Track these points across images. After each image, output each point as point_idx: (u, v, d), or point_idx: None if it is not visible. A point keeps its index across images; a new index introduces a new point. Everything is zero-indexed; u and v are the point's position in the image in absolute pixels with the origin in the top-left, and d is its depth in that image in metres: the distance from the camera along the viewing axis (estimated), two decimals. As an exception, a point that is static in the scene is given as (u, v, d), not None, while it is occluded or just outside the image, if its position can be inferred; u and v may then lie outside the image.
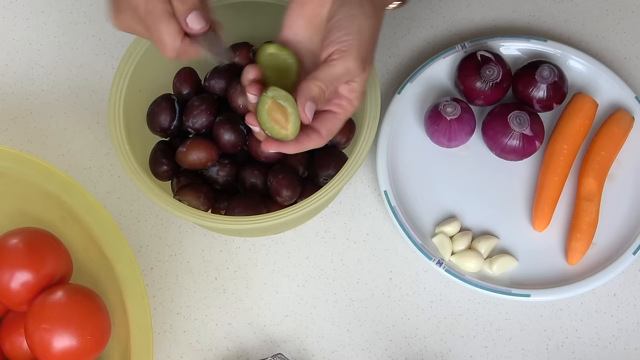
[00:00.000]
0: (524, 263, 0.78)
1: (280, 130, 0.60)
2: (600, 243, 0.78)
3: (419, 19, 0.90)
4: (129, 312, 0.65)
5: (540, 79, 0.79)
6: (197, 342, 0.77)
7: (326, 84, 0.59)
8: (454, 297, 0.78)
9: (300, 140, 0.61)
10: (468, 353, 0.76)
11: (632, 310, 0.77)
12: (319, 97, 0.59)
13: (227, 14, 0.76)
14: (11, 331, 0.70)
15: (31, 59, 0.88)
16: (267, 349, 0.76)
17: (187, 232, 0.81)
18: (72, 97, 0.87)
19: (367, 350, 0.76)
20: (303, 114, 0.59)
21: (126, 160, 0.70)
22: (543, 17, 0.90)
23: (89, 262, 0.71)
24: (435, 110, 0.80)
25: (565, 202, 0.80)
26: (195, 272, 0.79)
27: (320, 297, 0.78)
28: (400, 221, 0.77)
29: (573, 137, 0.81)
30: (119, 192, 0.82)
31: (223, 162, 0.75)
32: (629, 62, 0.87)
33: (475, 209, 0.80)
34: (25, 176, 0.70)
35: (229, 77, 0.76)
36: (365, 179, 0.83)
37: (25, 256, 0.66)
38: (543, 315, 0.77)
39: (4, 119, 0.85)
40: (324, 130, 0.61)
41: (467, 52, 0.84)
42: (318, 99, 0.59)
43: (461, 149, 0.82)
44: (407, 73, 0.86)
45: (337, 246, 0.80)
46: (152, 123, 0.76)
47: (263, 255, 0.80)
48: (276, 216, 0.68)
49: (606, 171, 0.80)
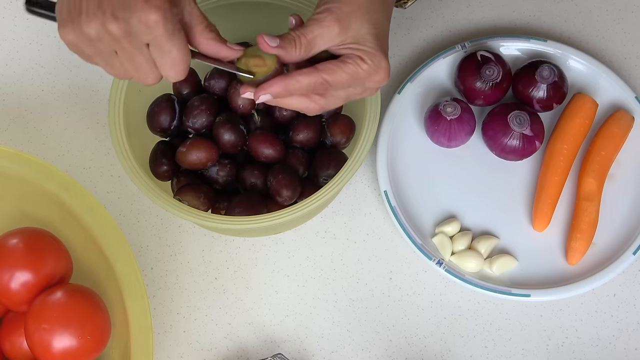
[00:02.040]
0: (524, 263, 0.78)
1: (261, 68, 0.60)
2: (600, 243, 0.78)
3: (419, 19, 0.90)
4: (129, 312, 0.65)
5: (540, 79, 0.79)
6: (197, 342, 0.77)
7: (298, 34, 0.59)
8: (454, 297, 0.78)
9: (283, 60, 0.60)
10: (468, 353, 0.76)
11: (632, 310, 0.77)
12: (288, 40, 0.59)
13: (227, 14, 0.76)
14: (11, 331, 0.70)
15: (31, 59, 0.88)
16: (267, 349, 0.76)
17: (187, 232, 0.81)
18: (72, 97, 0.87)
19: (367, 350, 0.76)
20: (265, 44, 0.59)
21: (126, 160, 0.70)
22: (543, 17, 0.90)
23: (88, 262, 0.71)
24: (435, 110, 0.80)
25: (565, 202, 0.80)
26: (195, 272, 0.79)
27: (320, 297, 0.78)
28: (400, 221, 0.77)
29: (573, 137, 0.81)
30: (119, 192, 0.82)
31: (223, 162, 0.75)
32: (629, 62, 0.87)
33: (475, 209, 0.80)
34: (25, 176, 0.70)
35: (229, 77, 0.76)
36: (365, 179, 0.83)
37: (25, 256, 0.66)
38: (543, 315, 0.77)
39: (4, 119, 0.85)
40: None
41: (467, 52, 0.84)
42: (287, 40, 0.59)
43: (461, 149, 0.82)
44: (407, 73, 0.86)
45: (337, 246, 0.80)
46: (152, 123, 0.76)
47: (263, 255, 0.80)
48: (276, 216, 0.68)
49: (606, 171, 0.80)
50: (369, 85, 0.62)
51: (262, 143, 0.74)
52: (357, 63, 0.60)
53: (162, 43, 0.54)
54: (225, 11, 0.76)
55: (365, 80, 0.61)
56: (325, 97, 0.61)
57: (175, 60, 0.56)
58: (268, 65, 0.60)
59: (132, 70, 0.57)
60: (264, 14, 0.76)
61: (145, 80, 0.58)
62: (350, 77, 0.60)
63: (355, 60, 0.60)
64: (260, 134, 0.75)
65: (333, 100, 0.62)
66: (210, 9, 0.75)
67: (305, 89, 0.60)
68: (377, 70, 0.60)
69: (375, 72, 0.60)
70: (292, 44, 0.59)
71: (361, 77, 0.60)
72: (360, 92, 0.63)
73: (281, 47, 0.59)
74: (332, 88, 0.60)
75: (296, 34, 0.60)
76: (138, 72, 0.57)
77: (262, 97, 0.59)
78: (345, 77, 0.60)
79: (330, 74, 0.59)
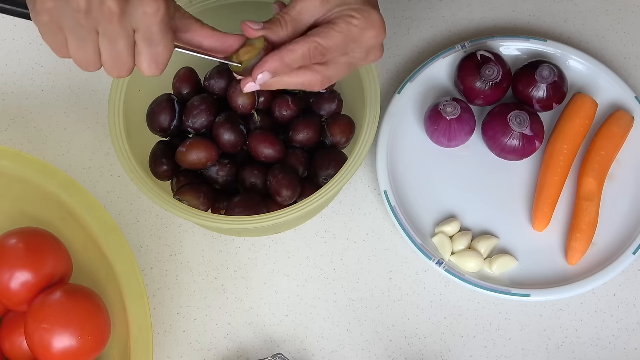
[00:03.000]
0: (524, 263, 0.78)
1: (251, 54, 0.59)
2: (600, 243, 0.78)
3: (419, 19, 0.90)
4: (129, 312, 0.65)
5: (540, 79, 0.79)
6: (197, 342, 0.77)
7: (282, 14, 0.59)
8: (454, 297, 0.78)
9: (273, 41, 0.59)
10: (468, 353, 0.76)
11: (632, 310, 0.77)
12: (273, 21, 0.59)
13: (227, 14, 0.76)
14: (11, 331, 0.70)
15: (31, 59, 0.88)
16: (267, 349, 0.76)
17: (187, 232, 0.81)
18: (72, 97, 0.87)
19: (367, 350, 0.76)
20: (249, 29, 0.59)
21: (126, 160, 0.70)
22: (543, 17, 0.90)
23: (88, 262, 0.71)
24: (435, 110, 0.80)
25: (565, 202, 0.80)
26: (195, 272, 0.79)
27: (320, 297, 0.78)
28: (400, 221, 0.77)
29: (573, 137, 0.81)
30: (119, 192, 0.82)
31: (223, 162, 0.75)
32: (629, 62, 0.87)
33: (475, 209, 0.80)
34: (25, 176, 0.70)
35: (229, 77, 0.76)
36: (365, 179, 0.83)
37: (25, 256, 0.66)
38: (543, 315, 0.77)
39: (4, 119, 0.85)
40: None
41: (467, 52, 0.84)
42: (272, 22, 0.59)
43: (461, 149, 0.82)
44: (407, 73, 0.86)
45: (337, 246, 0.80)
46: (152, 123, 0.76)
47: (263, 255, 0.80)
48: (276, 216, 0.68)
49: (606, 171, 0.80)
50: (367, 43, 0.60)
51: (262, 143, 0.74)
52: (347, 21, 0.58)
53: (154, 34, 0.53)
54: (225, 11, 0.76)
55: (361, 39, 0.59)
56: (327, 66, 0.60)
57: (158, 55, 0.55)
58: (257, 48, 0.59)
59: (106, 55, 0.54)
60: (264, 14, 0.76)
61: (112, 70, 0.55)
62: (344, 37, 0.59)
63: (345, 19, 0.59)
64: (260, 134, 0.75)
65: (336, 68, 0.60)
66: (211, 9, 0.75)
67: (301, 57, 0.58)
68: (370, 24, 0.59)
69: (369, 26, 0.59)
70: (277, 24, 0.59)
71: (355, 34, 0.59)
72: (364, 56, 0.61)
73: (266, 29, 0.59)
74: (328, 52, 0.59)
75: (280, 14, 0.60)
76: (112, 58, 0.55)
77: (261, 76, 0.58)
78: (339, 36, 0.58)
79: (323, 36, 0.58)
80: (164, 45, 0.55)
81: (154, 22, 0.53)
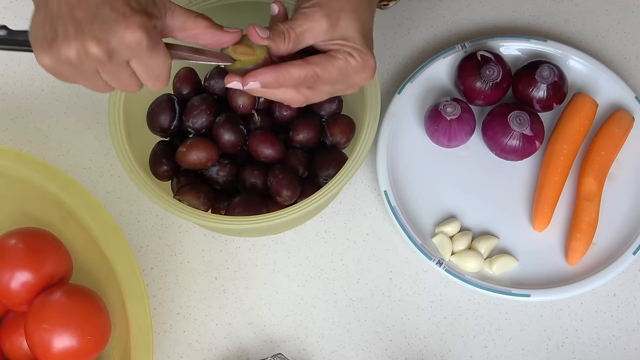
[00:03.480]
0: (524, 263, 0.78)
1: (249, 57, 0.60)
2: (600, 243, 0.78)
3: (419, 19, 0.90)
4: (129, 312, 0.65)
5: (540, 79, 0.79)
6: (197, 342, 0.77)
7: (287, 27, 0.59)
8: (454, 297, 0.78)
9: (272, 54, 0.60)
10: (468, 353, 0.76)
11: (632, 310, 0.77)
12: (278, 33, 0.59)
13: (227, 14, 0.76)
14: (11, 331, 0.70)
15: (31, 59, 0.87)
16: (267, 349, 0.76)
17: (187, 232, 0.81)
18: (72, 97, 0.87)
19: (367, 350, 0.76)
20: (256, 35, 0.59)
21: (126, 160, 0.70)
22: (543, 17, 0.90)
23: (89, 262, 0.71)
24: (435, 110, 0.80)
25: (565, 202, 0.80)
26: (195, 272, 0.79)
27: (320, 297, 0.78)
28: (400, 221, 0.77)
29: (573, 137, 0.81)
30: (119, 192, 0.82)
31: (223, 162, 0.75)
32: (629, 62, 0.87)
33: (475, 209, 0.80)
34: (25, 176, 0.70)
35: (229, 77, 0.76)
36: (365, 179, 0.83)
37: (25, 256, 0.66)
38: (543, 315, 0.77)
39: (4, 119, 0.85)
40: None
41: (467, 52, 0.84)
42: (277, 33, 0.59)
43: (461, 149, 0.82)
44: (407, 73, 0.86)
45: (337, 246, 0.80)
46: (152, 123, 0.76)
47: (263, 255, 0.80)
48: (276, 216, 0.68)
49: (606, 171, 0.80)
50: (354, 81, 0.62)
51: (262, 143, 0.74)
52: (346, 59, 0.60)
53: (145, 60, 0.55)
54: (225, 11, 0.76)
55: (352, 77, 0.61)
56: (312, 90, 0.61)
57: (156, 74, 0.56)
58: (257, 55, 0.60)
59: (115, 85, 0.57)
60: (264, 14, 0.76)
61: (128, 90, 0.58)
62: (339, 73, 0.60)
63: (345, 56, 0.60)
64: (260, 134, 0.75)
65: (319, 94, 0.62)
66: (211, 9, 0.75)
67: (294, 80, 0.59)
68: (364, 68, 0.61)
69: (363, 69, 0.61)
70: (281, 37, 0.59)
71: (349, 73, 0.60)
72: (345, 89, 0.63)
73: (271, 39, 0.59)
74: (320, 82, 0.60)
75: (285, 27, 0.60)
76: (122, 86, 0.57)
77: (251, 84, 0.59)
78: (336, 72, 0.60)
79: (322, 67, 0.59)
80: (158, 64, 0.56)
81: (140, 50, 0.54)
